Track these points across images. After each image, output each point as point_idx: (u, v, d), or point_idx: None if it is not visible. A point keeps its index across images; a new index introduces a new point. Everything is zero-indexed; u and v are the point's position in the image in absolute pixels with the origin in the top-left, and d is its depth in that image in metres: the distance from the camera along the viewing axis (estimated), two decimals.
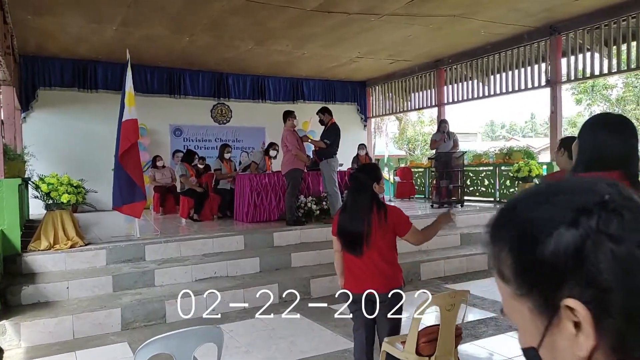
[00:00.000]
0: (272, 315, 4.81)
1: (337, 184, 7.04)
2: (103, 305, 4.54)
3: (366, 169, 2.94)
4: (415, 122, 30.43)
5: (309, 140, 7.09)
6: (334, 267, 3.04)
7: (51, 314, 4.34)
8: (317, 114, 7.25)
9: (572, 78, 8.77)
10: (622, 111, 27.59)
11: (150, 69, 10.97)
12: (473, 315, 4.71)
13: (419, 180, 12.08)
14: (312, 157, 8.25)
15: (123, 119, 5.90)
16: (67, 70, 10.25)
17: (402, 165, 15.30)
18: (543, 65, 9.11)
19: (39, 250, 5.27)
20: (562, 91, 9.17)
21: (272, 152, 8.65)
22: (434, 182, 9.42)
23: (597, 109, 28.08)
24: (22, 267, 5.08)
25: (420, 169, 12.11)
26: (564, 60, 8.84)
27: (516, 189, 9.23)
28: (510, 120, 59.91)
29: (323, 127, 7.17)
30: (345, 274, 2.90)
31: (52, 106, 10.23)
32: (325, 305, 5.10)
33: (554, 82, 8.83)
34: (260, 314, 4.83)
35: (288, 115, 6.98)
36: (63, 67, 10.21)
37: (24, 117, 9.94)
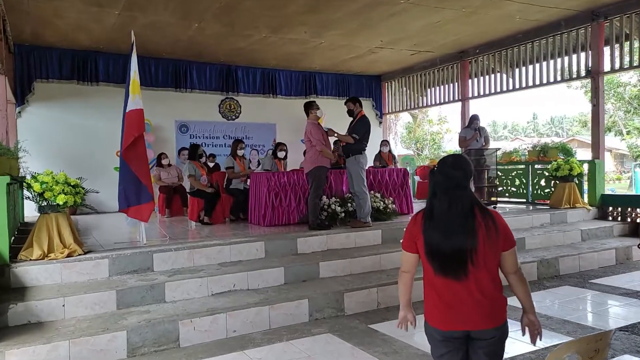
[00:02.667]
0: (304, 338, 4.08)
1: (365, 184, 6.31)
2: (105, 328, 3.81)
3: (456, 161, 2.17)
4: (421, 120, 29.61)
5: (335, 135, 6.36)
6: (393, 288, 2.28)
7: (43, 339, 3.61)
8: (345, 103, 6.52)
9: (617, 68, 8.04)
10: (637, 109, 26.83)
11: (155, 60, 10.26)
12: (542, 341, 3.97)
13: None
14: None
15: (127, 110, 5.17)
16: (66, 61, 9.54)
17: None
18: (582, 54, 8.39)
19: (30, 259, 4.54)
20: (573, 90, 8.51)
21: (280, 154, 7.91)
22: None
23: (611, 107, 27.35)
24: (10, 280, 4.35)
25: None
26: (606, 49, 8.12)
27: (552, 189, 8.50)
28: (512, 120, 59.34)
29: (351, 118, 6.43)
30: (431, 302, 2.15)
31: (50, 100, 9.52)
32: (364, 324, 4.38)
33: (595, 73, 8.11)
34: (290, 337, 4.10)
35: (310, 106, 6.25)
36: (61, 58, 9.50)
37: (19, 112, 9.23)
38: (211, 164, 8.78)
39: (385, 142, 9.58)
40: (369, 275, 5.30)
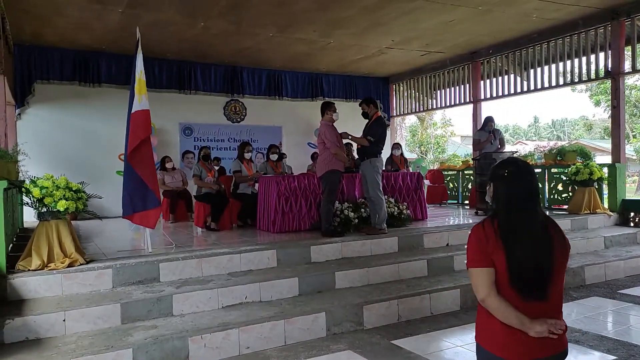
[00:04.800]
0: (323, 356, 3.78)
1: (381, 188, 6.02)
2: (110, 345, 3.51)
3: (529, 166, 1.94)
4: (428, 123, 29.30)
5: (349, 137, 6.07)
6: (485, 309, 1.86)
7: (42, 358, 3.31)
8: (360, 105, 6.24)
9: (639, 68, 7.75)
10: None
11: (159, 61, 9.99)
12: (583, 358, 3.67)
13: (450, 184, 11.06)
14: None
15: (132, 110, 4.89)
16: (67, 61, 9.27)
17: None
18: (601, 55, 8.11)
19: (29, 269, 4.25)
20: (577, 93, 8.25)
21: (272, 156, 7.64)
22: (477, 186, 8.39)
23: None
24: (7, 293, 4.05)
25: (452, 172, 11.09)
26: (626, 49, 7.84)
27: (570, 193, 8.21)
28: (513, 123, 59.06)
29: (366, 120, 6.16)
30: (496, 327, 1.84)
31: (50, 101, 9.24)
32: (386, 340, 4.08)
33: (616, 73, 7.82)
34: (308, 354, 3.80)
35: (327, 106, 5.97)
36: (62, 59, 9.23)
37: (19, 114, 8.95)
38: (216, 167, 8.50)
39: (397, 145, 9.30)
40: (388, 285, 5.00)
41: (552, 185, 8.67)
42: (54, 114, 9.27)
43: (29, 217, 7.17)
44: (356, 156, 7.37)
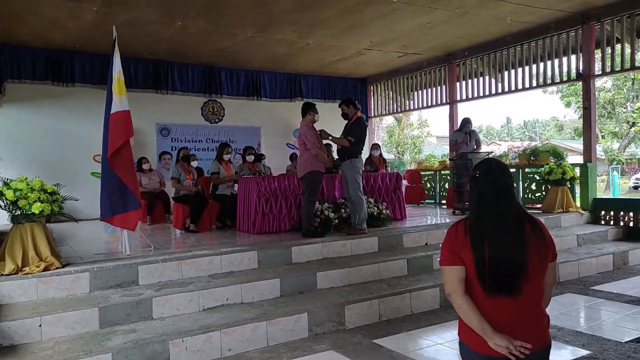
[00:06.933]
0: (306, 356, 3.78)
1: (361, 189, 6.06)
2: (88, 350, 3.44)
3: (502, 167, 1.98)
4: (405, 124, 29.58)
5: (330, 138, 6.09)
6: (459, 312, 1.92)
7: None
8: (339, 106, 6.28)
9: (608, 71, 7.99)
10: (611, 113, 27.40)
11: (134, 60, 9.82)
12: (560, 355, 3.77)
13: (428, 184, 11.20)
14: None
15: (112, 111, 4.80)
16: (40, 60, 9.04)
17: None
18: (572, 57, 8.33)
19: (3, 274, 4.14)
20: (548, 94, 8.47)
21: (248, 158, 7.75)
22: (454, 185, 8.52)
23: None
24: None
25: (429, 172, 11.23)
26: (596, 52, 8.07)
27: (543, 193, 8.41)
28: (487, 124, 60.20)
29: (346, 121, 6.20)
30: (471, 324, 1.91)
31: (22, 102, 9.00)
32: (368, 339, 4.11)
33: (586, 75, 8.04)
34: (291, 355, 3.80)
35: (310, 108, 5.97)
36: (35, 57, 8.99)
37: None
38: (194, 165, 8.41)
39: (375, 146, 9.36)
40: (369, 285, 5.04)
41: (526, 185, 8.86)
42: (26, 114, 9.03)
43: (1, 220, 6.98)
44: (336, 157, 7.41)
